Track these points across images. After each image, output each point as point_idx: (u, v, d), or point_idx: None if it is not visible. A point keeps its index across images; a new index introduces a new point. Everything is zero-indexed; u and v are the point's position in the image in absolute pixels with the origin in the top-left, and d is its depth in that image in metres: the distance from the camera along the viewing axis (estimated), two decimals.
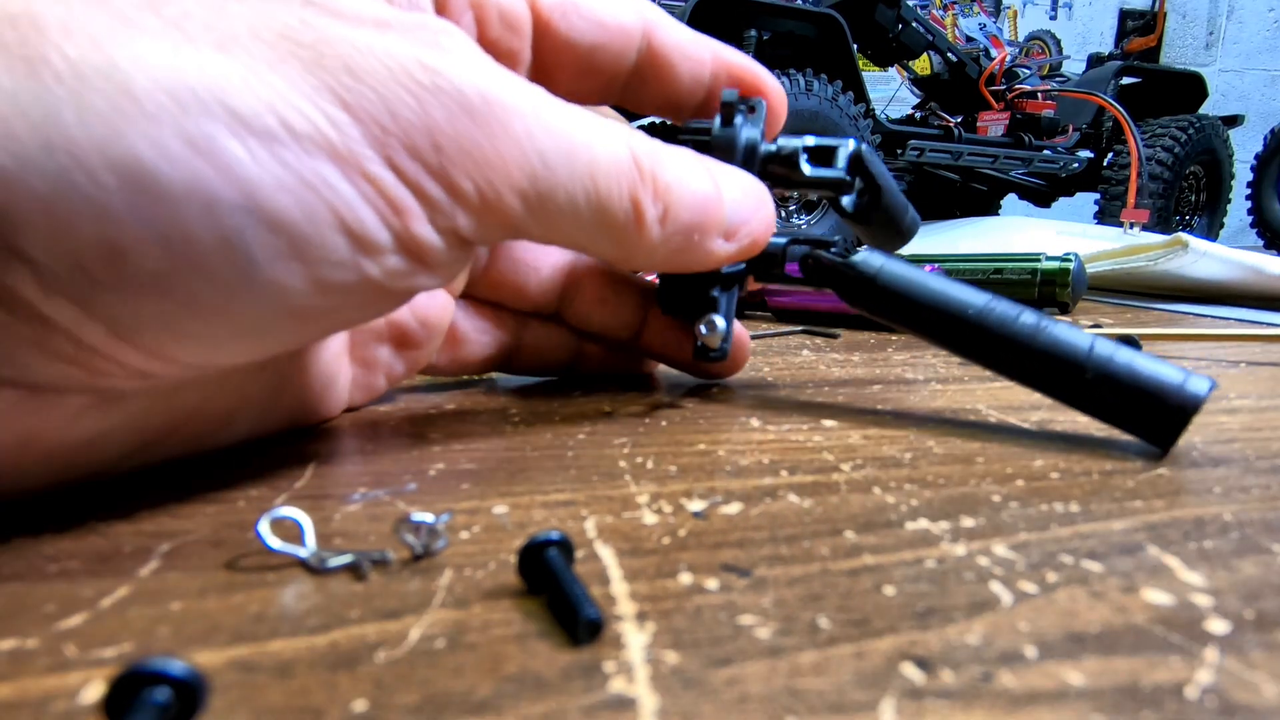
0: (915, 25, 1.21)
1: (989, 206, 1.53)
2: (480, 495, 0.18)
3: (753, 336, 0.42)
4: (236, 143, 0.13)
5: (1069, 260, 0.51)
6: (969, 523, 0.17)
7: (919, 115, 1.27)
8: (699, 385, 0.29)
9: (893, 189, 0.26)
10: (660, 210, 0.20)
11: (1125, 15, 2.66)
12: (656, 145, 0.20)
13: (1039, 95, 1.30)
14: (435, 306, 0.24)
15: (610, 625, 0.12)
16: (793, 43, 1.06)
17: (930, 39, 1.24)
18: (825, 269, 0.25)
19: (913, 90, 1.38)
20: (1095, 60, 1.68)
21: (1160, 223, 1.34)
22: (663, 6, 0.25)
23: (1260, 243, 1.63)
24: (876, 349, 0.38)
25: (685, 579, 0.14)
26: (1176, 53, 2.70)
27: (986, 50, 1.33)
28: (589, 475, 0.19)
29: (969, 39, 1.36)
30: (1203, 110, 1.56)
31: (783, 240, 0.26)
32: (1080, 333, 0.22)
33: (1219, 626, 0.13)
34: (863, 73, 1.07)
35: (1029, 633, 0.12)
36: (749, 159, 0.25)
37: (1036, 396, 0.27)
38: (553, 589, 0.13)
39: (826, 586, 0.14)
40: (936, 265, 0.49)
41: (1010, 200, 1.58)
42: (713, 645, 0.12)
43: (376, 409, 0.25)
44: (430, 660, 0.12)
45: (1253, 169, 1.64)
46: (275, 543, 0.14)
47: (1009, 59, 1.32)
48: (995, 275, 0.52)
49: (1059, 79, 1.53)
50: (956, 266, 0.54)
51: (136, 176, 0.13)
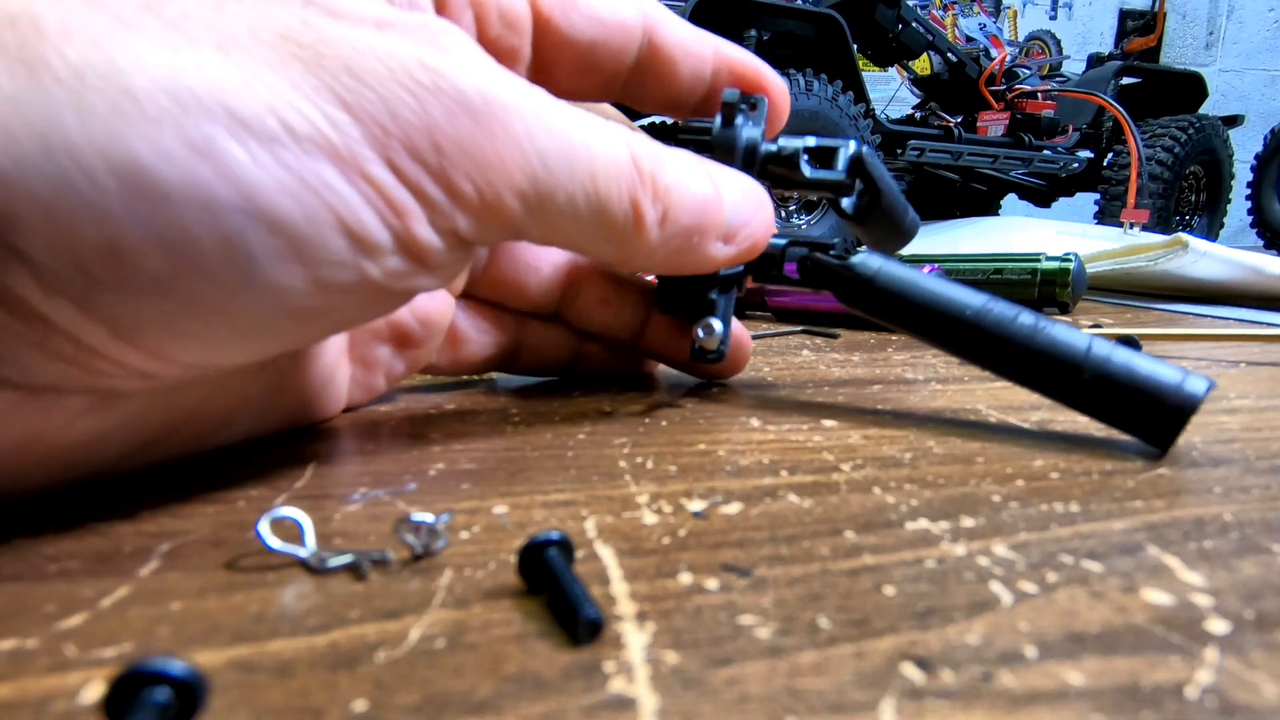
0: (915, 25, 1.22)
1: (989, 206, 1.54)
2: (480, 495, 0.18)
3: (753, 336, 0.42)
4: (237, 144, 0.13)
5: (1069, 260, 0.51)
6: (969, 523, 0.17)
7: (919, 115, 1.27)
8: (699, 385, 0.29)
9: (893, 190, 0.26)
10: (660, 212, 0.20)
11: (1125, 15, 2.66)
12: (657, 147, 0.20)
13: (1039, 95, 1.30)
14: (435, 306, 0.24)
15: (610, 625, 0.12)
16: (793, 43, 1.06)
17: (930, 39, 1.24)
18: (823, 271, 0.25)
19: (913, 90, 1.38)
20: (1095, 60, 1.69)
21: (1160, 223, 1.34)
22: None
23: (1260, 243, 1.63)
24: (876, 349, 0.38)
25: (685, 579, 0.14)
26: (1176, 53, 2.69)
27: (986, 50, 1.33)
28: (589, 475, 0.19)
29: (969, 39, 1.36)
30: (1203, 110, 1.56)
31: (782, 241, 0.26)
32: (1078, 333, 0.22)
33: (1219, 626, 0.13)
34: (863, 73, 1.07)
35: (1029, 633, 0.12)
36: (749, 160, 0.25)
37: (1036, 396, 0.27)
38: (553, 589, 0.13)
39: (826, 586, 0.14)
40: (936, 265, 0.49)
41: (1010, 200, 1.58)
42: (713, 645, 0.12)
43: (376, 409, 0.25)
44: (430, 660, 0.12)
45: (1253, 169, 1.64)
46: (275, 543, 0.14)
47: (1009, 59, 1.32)
48: (995, 275, 0.52)
49: (1059, 79, 1.53)
50: (956, 266, 0.54)
51: (137, 178, 0.13)
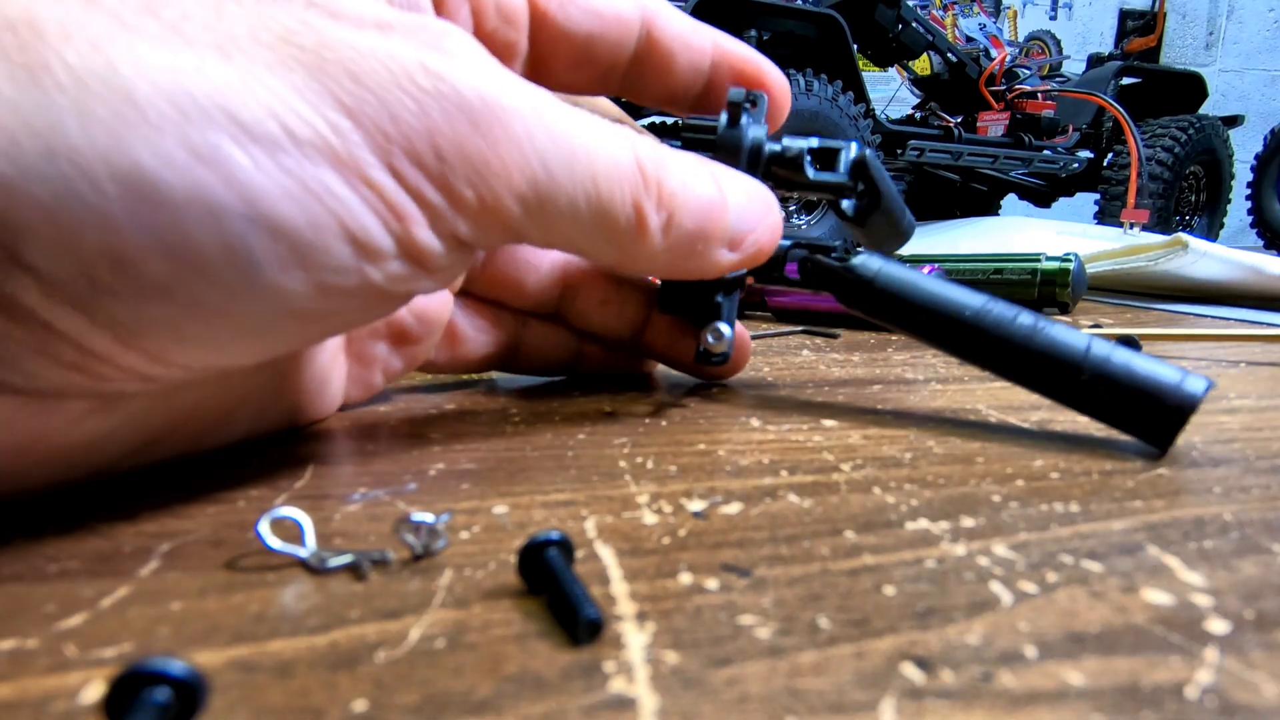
0: (915, 25, 1.22)
1: (989, 206, 1.54)
2: (480, 495, 0.18)
3: (753, 336, 0.42)
4: (240, 150, 0.13)
5: (1069, 260, 0.51)
6: (969, 523, 0.17)
7: (919, 115, 1.28)
8: (699, 385, 0.29)
9: (892, 193, 0.26)
10: (664, 218, 0.19)
11: (1125, 15, 2.67)
12: (662, 151, 0.20)
13: (1039, 95, 1.31)
14: (433, 303, 0.24)
15: (610, 625, 0.12)
16: (793, 43, 1.06)
17: (930, 39, 1.24)
18: (824, 272, 0.25)
19: (913, 90, 1.38)
20: (1095, 60, 1.69)
21: (1160, 223, 1.34)
22: None
23: (1260, 243, 1.63)
24: (876, 349, 0.38)
25: (685, 579, 0.14)
26: (1176, 53, 2.70)
27: (986, 50, 1.33)
28: (589, 475, 0.19)
29: (969, 39, 1.36)
30: (1203, 110, 1.57)
31: (784, 243, 0.26)
32: (1077, 333, 0.22)
33: (1219, 626, 0.13)
34: (863, 73, 1.07)
35: (1029, 633, 0.12)
36: (754, 161, 0.24)
37: (1036, 396, 0.27)
38: (553, 589, 0.13)
39: (826, 586, 0.14)
40: (936, 265, 0.49)
41: (1010, 200, 1.58)
42: (713, 645, 0.12)
43: (376, 409, 0.25)
44: (430, 660, 0.12)
45: (1253, 169, 1.64)
46: (275, 543, 0.14)
47: (1009, 59, 1.32)
48: (995, 275, 0.52)
49: (1059, 79, 1.53)
50: (956, 267, 0.54)
51: (140, 185, 0.13)
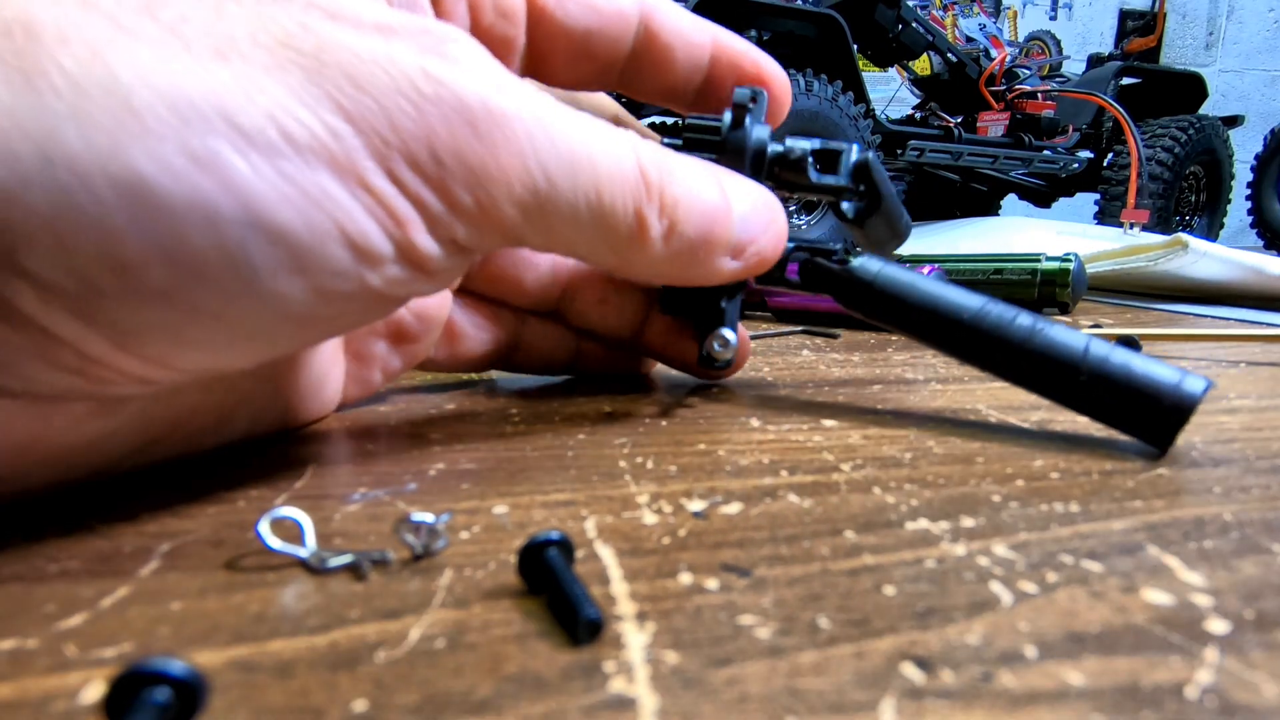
0: (915, 25, 1.22)
1: (989, 207, 1.54)
2: (480, 495, 0.18)
3: (753, 336, 0.42)
4: (238, 156, 0.13)
5: (1069, 260, 0.51)
6: (969, 523, 0.17)
7: (919, 115, 1.28)
8: (699, 385, 0.29)
9: (892, 195, 0.26)
10: (665, 225, 0.19)
11: (1125, 15, 2.67)
12: (666, 157, 0.20)
13: (1039, 95, 1.30)
14: (432, 301, 0.24)
15: (610, 625, 0.12)
16: (793, 43, 1.06)
17: (930, 39, 1.24)
18: (823, 275, 0.25)
19: (913, 90, 1.38)
20: (1095, 60, 1.69)
21: (1160, 223, 1.34)
22: None
23: (1260, 243, 1.63)
24: (876, 349, 0.38)
25: (685, 579, 0.14)
26: (1176, 53, 2.70)
27: (986, 50, 1.33)
28: (589, 475, 0.19)
29: (969, 39, 1.36)
30: (1203, 110, 1.56)
31: (788, 245, 0.26)
32: (1076, 334, 0.22)
33: (1219, 626, 0.13)
34: (863, 73, 1.07)
35: (1029, 633, 0.12)
36: (758, 163, 0.24)
37: (1036, 396, 0.27)
38: (553, 589, 0.13)
39: (826, 586, 0.14)
40: (937, 265, 0.49)
41: (1010, 200, 1.58)
42: (713, 645, 0.12)
43: (376, 409, 0.25)
44: (430, 660, 0.12)
45: (1253, 169, 1.64)
46: (275, 543, 0.14)
47: (1009, 59, 1.32)
48: (995, 275, 0.52)
49: (1059, 79, 1.53)
50: (957, 267, 0.54)
51: (138, 192, 0.13)
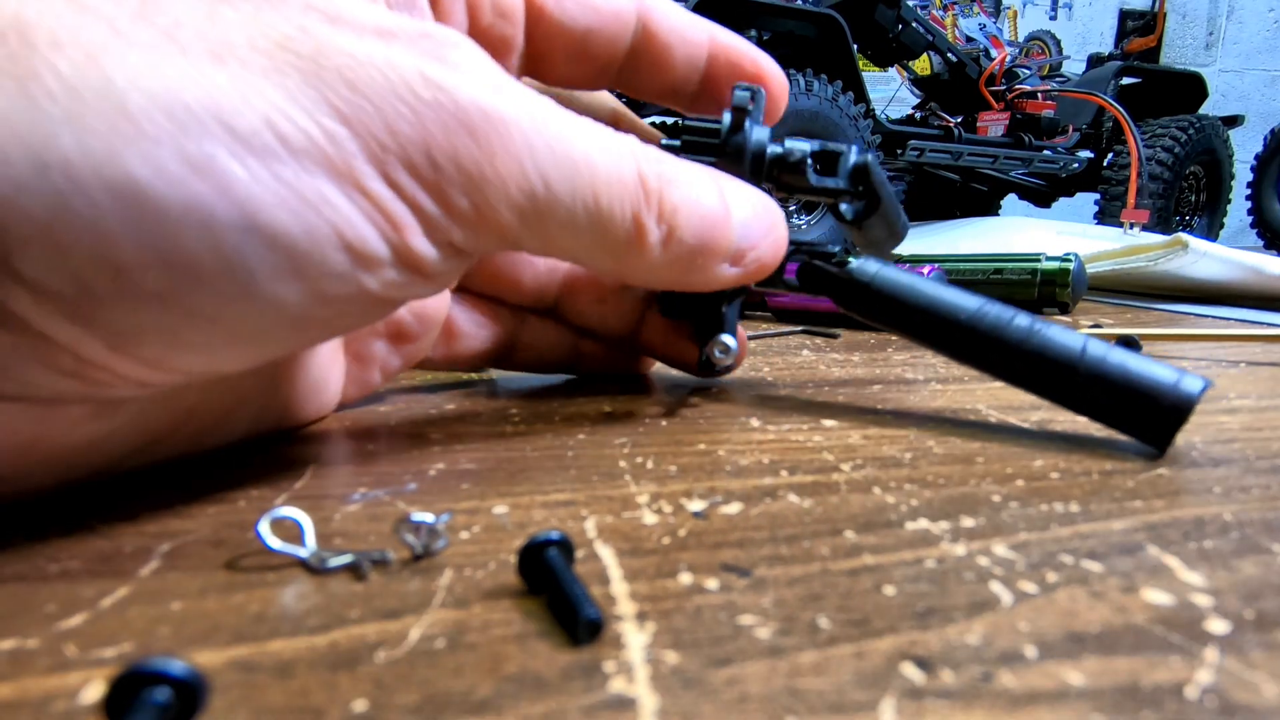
0: (915, 25, 1.21)
1: (989, 206, 1.54)
2: (480, 495, 0.18)
3: (753, 336, 0.42)
4: (235, 162, 0.13)
5: (1069, 260, 0.51)
6: (969, 523, 0.17)
7: (919, 115, 1.27)
8: (699, 385, 0.29)
9: (891, 198, 0.26)
10: (663, 231, 0.19)
11: (1125, 15, 2.67)
12: (666, 164, 0.20)
13: (1039, 95, 1.30)
14: (431, 301, 0.24)
15: (610, 625, 0.12)
16: (793, 43, 1.06)
17: (930, 39, 1.24)
18: (821, 277, 0.26)
19: (913, 90, 1.38)
20: (1095, 60, 1.69)
21: (1160, 223, 1.34)
22: None
23: (1260, 243, 1.63)
24: (876, 349, 0.38)
25: (685, 579, 0.14)
26: (1176, 53, 2.70)
27: (986, 50, 1.33)
28: (589, 475, 0.19)
29: (969, 39, 1.36)
30: (1203, 110, 1.56)
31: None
32: (1073, 334, 0.22)
33: (1219, 626, 0.13)
34: (863, 73, 1.07)
35: (1029, 633, 0.12)
36: (757, 166, 0.24)
37: (1036, 396, 0.27)
38: (553, 589, 0.13)
39: (826, 586, 0.14)
40: (937, 265, 0.49)
41: (1010, 200, 1.58)
42: (713, 645, 0.12)
43: (376, 409, 0.25)
44: (430, 660, 0.12)
45: (1253, 169, 1.64)
46: (275, 543, 0.14)
47: (1009, 59, 1.31)
48: (995, 275, 0.52)
49: (1059, 79, 1.53)
50: (957, 267, 0.54)
51: (134, 197, 0.13)
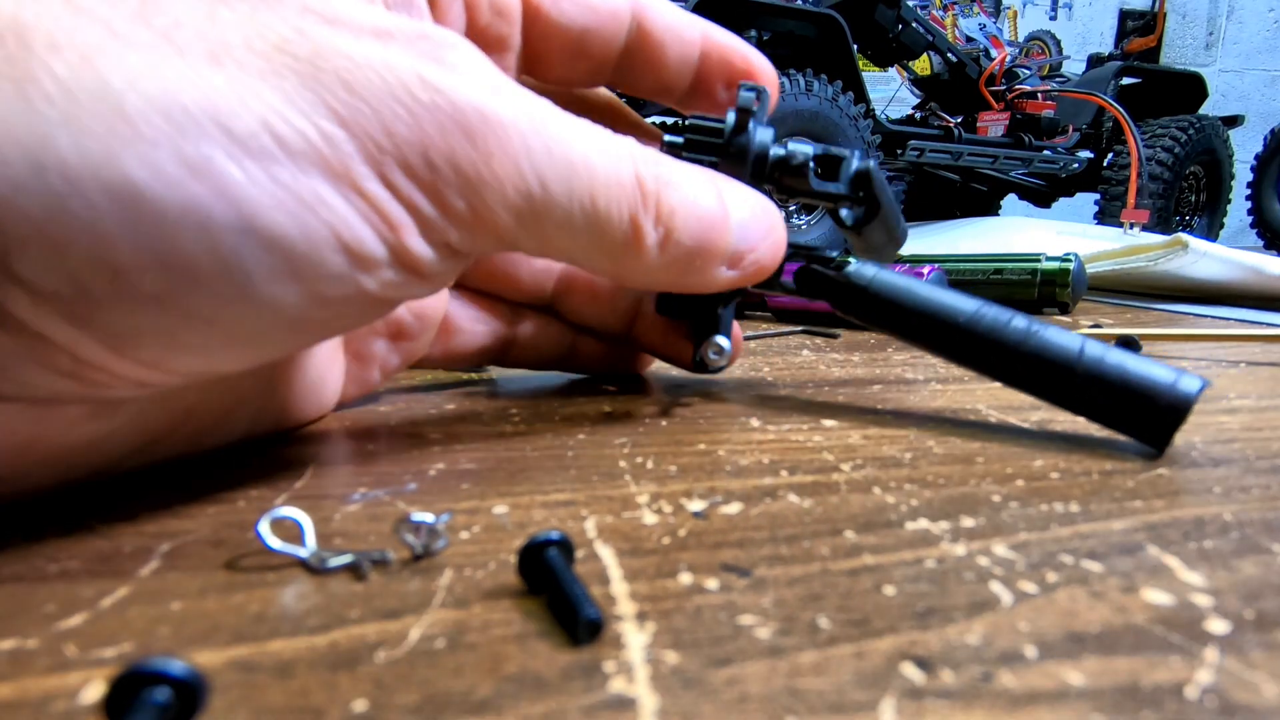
0: (915, 25, 1.22)
1: (989, 207, 1.54)
2: (480, 495, 0.18)
3: (753, 336, 0.42)
4: (233, 164, 0.13)
5: (1069, 260, 0.51)
6: (969, 523, 0.17)
7: (919, 115, 1.28)
8: (699, 385, 0.29)
9: (891, 204, 0.26)
10: (661, 234, 0.19)
11: (1125, 15, 2.67)
12: (665, 166, 0.20)
13: (1039, 95, 1.30)
14: (429, 299, 0.24)
15: (610, 625, 0.12)
16: (793, 43, 1.06)
17: (930, 39, 1.24)
18: (819, 280, 0.26)
19: (913, 90, 1.38)
20: (1095, 60, 1.69)
21: (1160, 223, 1.34)
22: None
23: (1260, 243, 1.63)
24: (876, 349, 0.38)
25: (685, 579, 0.14)
26: (1176, 53, 2.70)
27: (986, 50, 1.33)
28: (589, 475, 0.19)
29: (969, 39, 1.36)
30: (1203, 110, 1.56)
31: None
32: (1071, 335, 0.22)
33: (1219, 626, 0.13)
34: (863, 73, 1.07)
35: (1029, 633, 0.12)
36: (759, 168, 0.24)
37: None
38: (553, 589, 0.13)
39: (826, 586, 0.14)
40: (937, 266, 0.49)
41: (1010, 200, 1.58)
42: (713, 645, 0.12)
43: (376, 409, 0.25)
44: (430, 660, 0.12)
45: (1253, 169, 1.64)
46: (275, 543, 0.14)
47: (1009, 59, 1.32)
48: (995, 275, 0.52)
49: (1059, 79, 1.53)
50: (957, 267, 0.54)
51: (132, 199, 0.13)
